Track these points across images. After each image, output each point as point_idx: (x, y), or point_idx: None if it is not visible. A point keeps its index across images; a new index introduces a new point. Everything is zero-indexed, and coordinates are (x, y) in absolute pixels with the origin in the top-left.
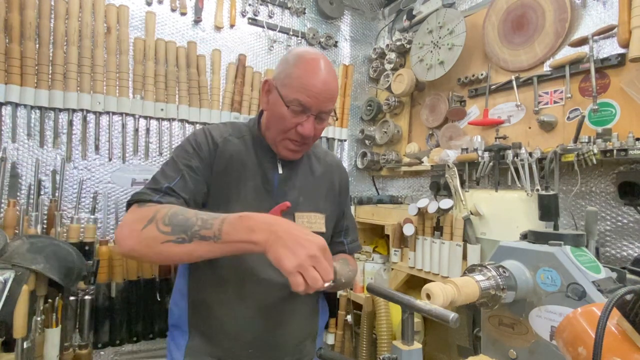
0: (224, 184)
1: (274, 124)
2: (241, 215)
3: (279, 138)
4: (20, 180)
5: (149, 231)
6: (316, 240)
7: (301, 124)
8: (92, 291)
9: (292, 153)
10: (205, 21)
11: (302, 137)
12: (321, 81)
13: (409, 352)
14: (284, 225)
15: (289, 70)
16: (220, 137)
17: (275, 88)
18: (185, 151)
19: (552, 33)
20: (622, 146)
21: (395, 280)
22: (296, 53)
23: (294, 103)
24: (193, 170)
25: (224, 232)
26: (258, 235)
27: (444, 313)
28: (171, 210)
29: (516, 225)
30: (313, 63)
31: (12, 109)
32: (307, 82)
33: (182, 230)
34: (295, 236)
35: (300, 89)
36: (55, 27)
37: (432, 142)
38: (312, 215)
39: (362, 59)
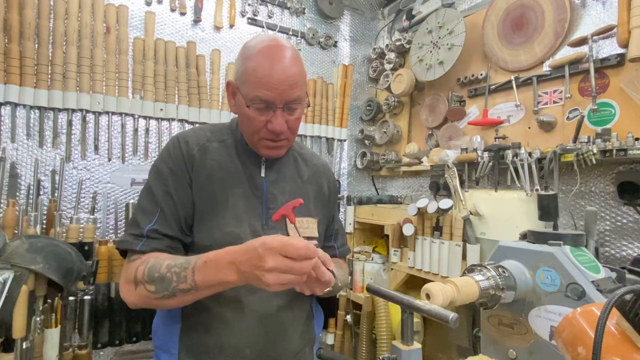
0: (209, 195)
1: (245, 126)
2: (205, 261)
3: (255, 139)
4: (19, 180)
5: (140, 291)
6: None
7: (270, 121)
8: (92, 291)
9: (274, 150)
10: (204, 21)
11: (274, 134)
12: (278, 70)
13: (408, 352)
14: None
15: (244, 66)
16: (197, 146)
17: (237, 89)
18: (161, 174)
19: (551, 33)
20: (621, 146)
21: (395, 280)
22: (248, 45)
23: (256, 101)
24: (171, 197)
25: (198, 282)
26: (227, 275)
27: (443, 313)
28: (147, 267)
29: (516, 225)
30: (266, 51)
31: (11, 109)
32: (263, 74)
33: (164, 288)
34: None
35: (257, 85)
36: (55, 27)
37: (431, 142)
38: (303, 220)
39: (362, 59)
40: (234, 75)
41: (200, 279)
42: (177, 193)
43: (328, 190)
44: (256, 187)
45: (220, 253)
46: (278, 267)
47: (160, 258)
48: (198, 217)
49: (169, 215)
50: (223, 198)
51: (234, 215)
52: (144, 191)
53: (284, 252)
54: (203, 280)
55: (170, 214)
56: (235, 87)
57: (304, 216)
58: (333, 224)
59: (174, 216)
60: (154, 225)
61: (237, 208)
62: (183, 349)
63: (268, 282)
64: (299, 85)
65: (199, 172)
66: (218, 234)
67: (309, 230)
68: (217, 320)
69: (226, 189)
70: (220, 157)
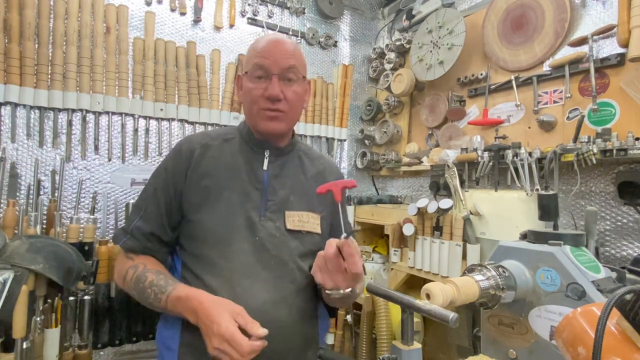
0: (202, 189)
1: (247, 102)
2: (178, 297)
3: (254, 111)
4: (19, 180)
5: (126, 287)
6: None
7: (266, 88)
8: (92, 291)
9: (273, 121)
10: (204, 21)
11: (270, 99)
12: (272, 41)
13: (408, 352)
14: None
15: (248, 54)
16: (199, 144)
17: (243, 76)
18: (157, 172)
19: (551, 33)
20: (621, 146)
21: (395, 280)
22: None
23: (254, 68)
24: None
25: (169, 308)
26: (189, 317)
27: (443, 313)
28: (135, 275)
29: (516, 225)
30: (266, 36)
31: (11, 109)
32: (261, 46)
33: (144, 298)
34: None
35: (255, 55)
36: (55, 27)
37: (431, 142)
38: (303, 214)
39: (362, 58)
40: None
41: (170, 307)
42: (164, 191)
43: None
44: (257, 180)
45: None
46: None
47: (147, 269)
48: (192, 211)
49: (151, 213)
50: (217, 192)
51: (227, 207)
52: (144, 187)
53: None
54: (172, 309)
55: (153, 212)
56: (241, 77)
57: (304, 210)
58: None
59: (156, 214)
60: (139, 221)
61: (231, 200)
62: (182, 346)
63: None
64: (295, 57)
65: (196, 168)
66: (209, 225)
67: (309, 224)
68: None
69: (222, 183)
70: (220, 153)
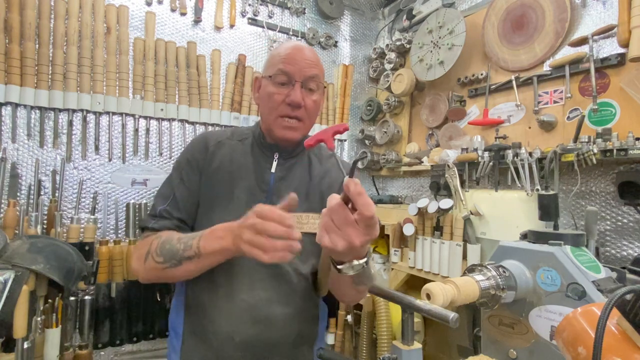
0: (214, 185)
1: (265, 107)
2: (212, 229)
3: (272, 117)
4: (20, 180)
5: (149, 264)
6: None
7: (288, 94)
8: (92, 291)
9: (290, 130)
10: (205, 21)
11: (292, 106)
12: (298, 49)
13: (408, 352)
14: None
15: (270, 57)
16: (215, 141)
17: (262, 77)
18: (179, 164)
19: (551, 33)
20: (622, 146)
21: (395, 280)
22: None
23: (277, 73)
24: (184, 184)
25: (202, 248)
26: (226, 240)
27: (443, 313)
28: (160, 241)
29: (516, 225)
30: (290, 42)
31: (12, 109)
32: (284, 52)
33: (172, 257)
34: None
35: (279, 61)
36: (55, 28)
37: (432, 142)
38: (302, 215)
39: (362, 58)
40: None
41: (203, 245)
42: (189, 181)
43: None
44: (263, 181)
45: (226, 223)
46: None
47: (172, 233)
48: (203, 206)
49: (180, 200)
50: (228, 190)
51: (236, 207)
52: (165, 179)
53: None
54: (205, 246)
55: (182, 199)
56: (260, 79)
57: (304, 211)
58: None
59: (185, 201)
60: (167, 207)
61: (239, 200)
62: (187, 331)
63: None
64: (318, 66)
65: (210, 164)
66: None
67: (308, 225)
68: (211, 307)
69: (232, 182)
70: (233, 153)
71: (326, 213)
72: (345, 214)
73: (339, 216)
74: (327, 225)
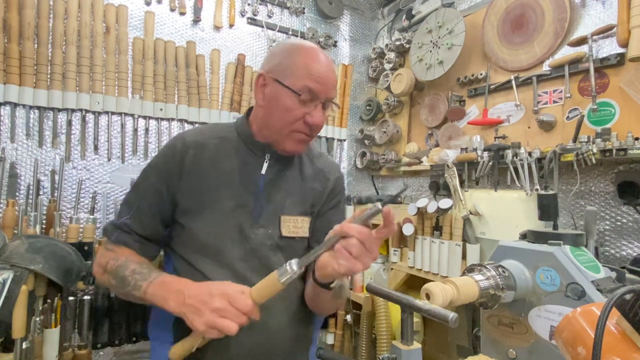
0: (197, 193)
1: (277, 117)
2: (163, 282)
3: (286, 131)
4: (19, 180)
5: (105, 278)
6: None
7: (310, 114)
8: (91, 291)
9: (302, 145)
10: (204, 21)
11: (311, 127)
12: (326, 67)
13: (408, 352)
14: (191, 290)
15: (290, 60)
16: (194, 143)
17: (276, 81)
18: (148, 170)
19: (551, 33)
20: (621, 146)
21: (395, 280)
22: (292, 43)
23: (304, 90)
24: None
25: (148, 295)
26: (170, 304)
27: (443, 313)
28: (116, 265)
29: (515, 225)
30: (314, 51)
31: (10, 109)
32: (314, 68)
33: (122, 287)
34: (198, 298)
35: (308, 76)
36: (54, 27)
37: (431, 142)
38: (298, 219)
39: (362, 58)
40: (268, 68)
41: (151, 292)
42: (157, 193)
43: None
44: (252, 184)
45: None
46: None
47: (129, 260)
48: (185, 215)
49: (145, 213)
50: (213, 197)
51: (220, 215)
52: (135, 183)
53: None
54: (152, 294)
55: (147, 212)
56: (270, 79)
57: (299, 215)
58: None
59: (150, 215)
60: (129, 218)
61: (224, 207)
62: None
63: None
64: (336, 86)
65: (191, 170)
66: (201, 235)
67: (302, 230)
68: None
69: (218, 187)
70: (217, 154)
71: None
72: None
73: (370, 242)
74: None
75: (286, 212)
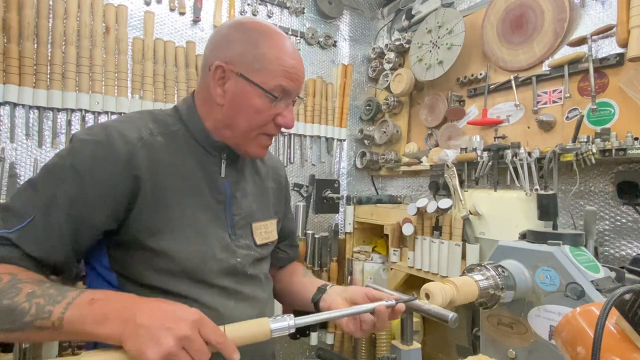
0: (161, 209)
1: (243, 119)
2: (93, 299)
3: (253, 135)
4: (18, 180)
5: None
6: (187, 315)
7: (281, 114)
8: None
9: (266, 149)
10: (204, 21)
11: (278, 129)
12: (298, 59)
13: (408, 351)
14: (144, 309)
15: (256, 52)
16: (138, 140)
17: (240, 75)
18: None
19: (550, 33)
20: (620, 146)
21: (395, 280)
22: (253, 28)
23: (277, 90)
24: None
25: (67, 321)
26: (108, 328)
27: (443, 313)
28: None
29: (515, 225)
30: (282, 40)
31: (10, 108)
32: (288, 63)
33: (9, 321)
34: (158, 320)
35: (281, 72)
36: (54, 27)
37: (431, 142)
38: (267, 223)
39: (361, 58)
40: (228, 58)
41: (71, 318)
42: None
43: (285, 184)
44: (217, 191)
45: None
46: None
47: (19, 279)
48: (148, 236)
49: (44, 227)
50: (179, 212)
51: (196, 231)
52: (26, 185)
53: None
54: (72, 322)
55: (50, 227)
56: (232, 72)
57: (267, 219)
58: (290, 223)
59: (52, 231)
60: (14, 232)
61: (198, 222)
62: None
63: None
64: None
65: (147, 177)
66: (180, 257)
67: (272, 234)
68: None
69: (182, 199)
70: (170, 156)
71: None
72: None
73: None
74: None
75: (256, 218)
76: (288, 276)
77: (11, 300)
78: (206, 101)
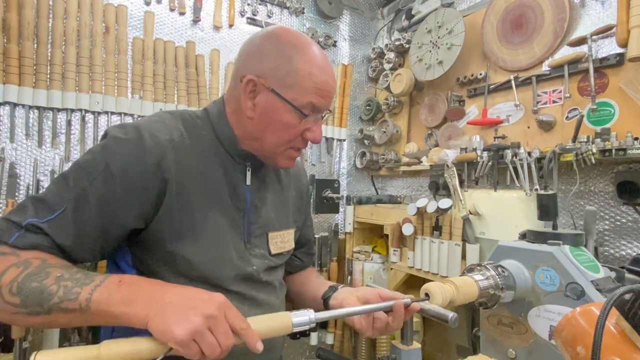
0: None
1: (273, 134)
2: (121, 281)
3: (282, 148)
4: (18, 180)
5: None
6: (215, 298)
7: (310, 129)
8: None
9: (294, 161)
10: (204, 21)
11: (307, 143)
12: (331, 75)
13: (408, 351)
14: (172, 291)
15: (289, 67)
16: (169, 141)
17: (272, 91)
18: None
19: (550, 33)
20: (620, 146)
21: (395, 280)
22: (288, 42)
23: (307, 108)
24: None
25: (94, 302)
26: (135, 308)
27: (443, 313)
28: (23, 274)
29: (515, 225)
30: (316, 55)
31: (10, 109)
32: (320, 79)
33: (37, 302)
34: (186, 300)
35: (314, 90)
36: (54, 27)
37: (431, 142)
38: (284, 233)
39: (361, 58)
40: (259, 72)
41: (98, 298)
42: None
43: (306, 193)
44: (238, 198)
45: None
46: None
47: (49, 264)
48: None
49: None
50: (200, 217)
51: (216, 237)
52: (58, 178)
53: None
54: (100, 302)
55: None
56: (263, 86)
57: (284, 229)
58: (308, 230)
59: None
60: (45, 222)
61: (218, 227)
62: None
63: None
64: None
65: (176, 179)
66: (198, 261)
67: (288, 243)
68: None
69: (204, 203)
70: (196, 160)
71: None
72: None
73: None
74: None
75: (273, 227)
76: (300, 279)
77: (40, 283)
78: (236, 111)
